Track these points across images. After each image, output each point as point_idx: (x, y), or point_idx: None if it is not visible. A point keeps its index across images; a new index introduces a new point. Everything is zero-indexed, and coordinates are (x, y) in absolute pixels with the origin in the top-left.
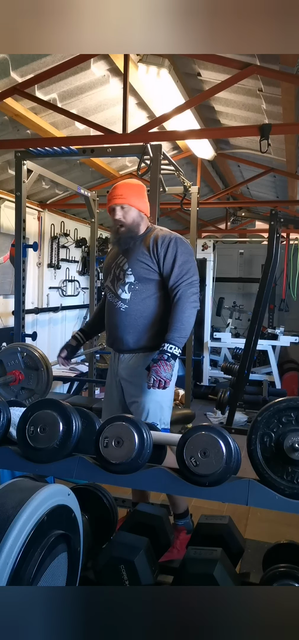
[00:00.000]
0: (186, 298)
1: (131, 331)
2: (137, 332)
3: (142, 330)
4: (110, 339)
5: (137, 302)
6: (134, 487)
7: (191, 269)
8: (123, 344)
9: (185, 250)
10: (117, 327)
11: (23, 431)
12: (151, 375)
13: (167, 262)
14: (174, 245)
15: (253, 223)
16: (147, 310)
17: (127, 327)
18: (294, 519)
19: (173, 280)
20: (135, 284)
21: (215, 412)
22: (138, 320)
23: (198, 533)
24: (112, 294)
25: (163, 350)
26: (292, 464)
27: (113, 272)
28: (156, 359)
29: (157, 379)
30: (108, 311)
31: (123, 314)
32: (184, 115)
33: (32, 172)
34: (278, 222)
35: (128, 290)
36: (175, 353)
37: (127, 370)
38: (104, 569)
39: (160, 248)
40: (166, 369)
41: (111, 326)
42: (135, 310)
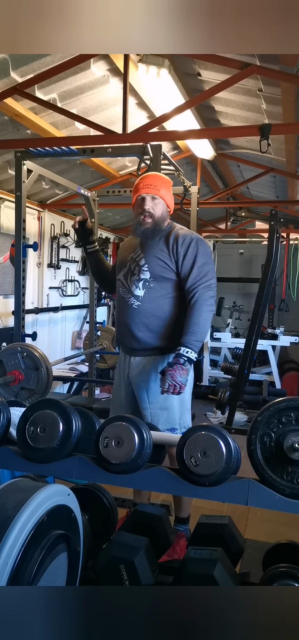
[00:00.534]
0: (204, 301)
1: (142, 329)
2: (148, 331)
3: (154, 330)
4: (119, 335)
5: (151, 300)
6: (134, 487)
7: (210, 272)
8: (133, 343)
9: (204, 252)
10: (128, 324)
11: (23, 431)
12: (167, 379)
13: (186, 262)
14: (195, 245)
15: (253, 223)
16: (160, 309)
17: (138, 324)
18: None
19: (191, 281)
20: (150, 281)
21: (215, 412)
22: (150, 319)
23: (198, 533)
24: (125, 289)
25: (179, 354)
26: (292, 464)
27: (129, 266)
28: (172, 362)
29: (172, 383)
30: (119, 306)
31: (135, 310)
32: (184, 115)
33: (32, 172)
34: (278, 222)
35: (142, 287)
36: (191, 357)
37: (139, 375)
38: (104, 569)
39: (180, 247)
40: (182, 374)
41: (121, 322)
42: (147, 308)
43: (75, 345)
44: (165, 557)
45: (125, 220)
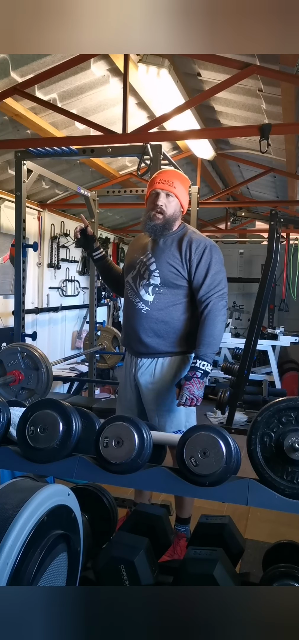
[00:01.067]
0: (218, 311)
1: (150, 335)
2: (156, 337)
3: (162, 336)
4: (126, 339)
5: (160, 306)
6: (134, 487)
7: (223, 281)
8: (141, 347)
9: (218, 260)
10: (135, 329)
11: (23, 431)
12: (184, 393)
13: (200, 270)
14: (209, 253)
15: (253, 223)
16: (169, 316)
17: (146, 330)
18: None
19: (205, 290)
20: (160, 287)
21: (215, 412)
22: (159, 325)
23: (198, 533)
24: (133, 293)
25: (195, 367)
26: (292, 464)
27: (138, 268)
28: (189, 376)
29: (190, 397)
30: (127, 310)
31: (144, 316)
32: (184, 115)
33: (32, 172)
34: (278, 222)
35: (151, 292)
36: (207, 370)
37: (145, 377)
38: (104, 569)
39: (194, 254)
40: (199, 387)
41: (128, 326)
42: (157, 315)
43: (75, 345)
44: (165, 557)
45: (125, 220)
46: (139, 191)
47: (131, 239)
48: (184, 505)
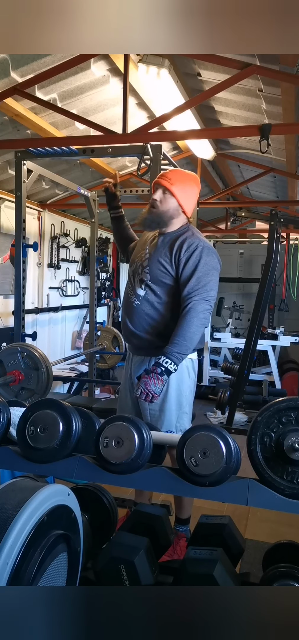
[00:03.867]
0: (196, 313)
1: (139, 329)
2: (145, 332)
3: (149, 331)
4: (123, 332)
5: (148, 302)
6: (134, 487)
7: (210, 284)
8: (133, 341)
9: (208, 262)
10: (128, 322)
11: (23, 431)
12: (140, 386)
13: (187, 269)
14: (199, 254)
15: (253, 223)
16: (156, 312)
17: (136, 324)
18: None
19: (188, 290)
20: (149, 283)
21: (215, 412)
22: (147, 320)
23: (198, 533)
24: (130, 286)
25: (158, 363)
26: (292, 464)
27: (136, 263)
28: (149, 370)
29: (145, 391)
30: (124, 303)
31: (135, 309)
32: (184, 115)
33: (32, 172)
34: (278, 222)
35: (143, 287)
36: (170, 369)
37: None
38: (104, 569)
39: (183, 253)
40: (156, 383)
41: (124, 320)
42: (145, 309)
43: (75, 345)
44: (165, 557)
45: None
46: (139, 191)
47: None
48: (183, 506)
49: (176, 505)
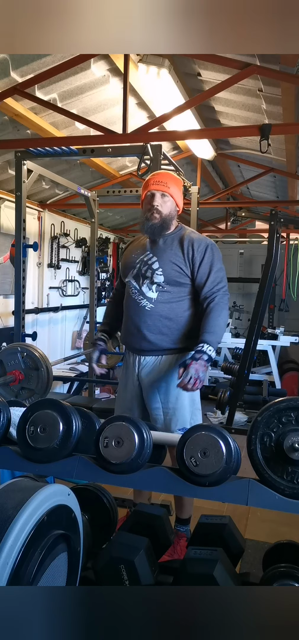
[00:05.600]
0: (224, 304)
1: (154, 332)
2: (160, 334)
3: (166, 333)
4: (127, 337)
5: (164, 303)
6: (134, 487)
7: (224, 277)
8: (145, 345)
9: (219, 258)
10: (139, 327)
11: (23, 431)
12: (190, 372)
13: (203, 268)
14: (210, 251)
15: (253, 223)
16: (173, 312)
17: (150, 327)
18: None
19: (209, 287)
20: (163, 285)
21: (215, 412)
22: (163, 322)
23: (198, 533)
24: (136, 291)
25: (201, 351)
26: (292, 464)
27: (139, 268)
28: (196, 357)
29: (195, 377)
30: (129, 308)
31: (148, 313)
32: (184, 115)
33: (32, 172)
34: (278, 222)
35: (155, 290)
36: (212, 356)
37: (149, 375)
38: (104, 569)
39: (196, 253)
40: (203, 370)
41: (131, 324)
42: (160, 311)
43: (75, 345)
44: (165, 557)
45: (125, 220)
46: (139, 191)
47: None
48: (184, 506)
49: (176, 505)
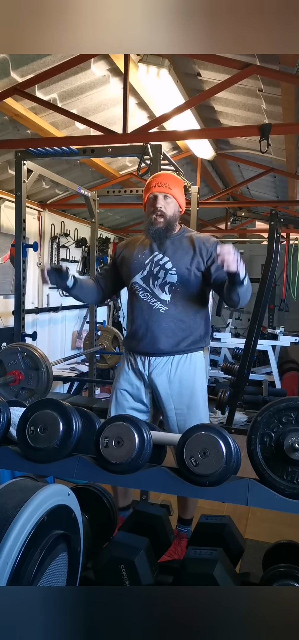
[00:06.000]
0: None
1: (170, 334)
2: (175, 335)
3: (179, 334)
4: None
5: (177, 304)
6: (134, 487)
7: None
8: (159, 347)
9: None
10: (153, 329)
11: (23, 431)
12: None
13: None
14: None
15: (253, 223)
16: (186, 313)
17: (166, 329)
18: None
19: None
20: (177, 285)
21: (215, 412)
22: (178, 323)
23: (198, 533)
24: (147, 293)
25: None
26: (292, 464)
27: (149, 269)
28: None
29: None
30: (140, 311)
31: (163, 315)
32: (184, 115)
33: (32, 172)
34: (278, 222)
35: (168, 290)
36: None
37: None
38: (104, 569)
39: (211, 247)
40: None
41: (143, 327)
42: (175, 314)
43: (75, 345)
44: (165, 557)
45: (125, 221)
46: (139, 191)
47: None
48: (188, 506)
49: (180, 505)
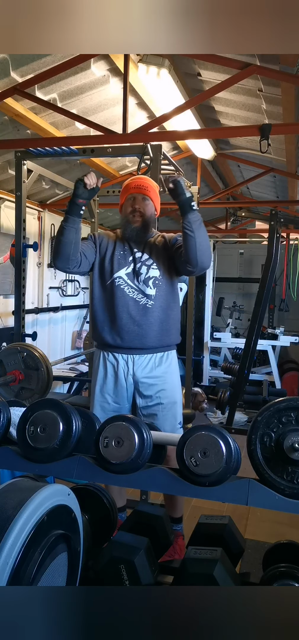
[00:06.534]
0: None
1: (156, 328)
2: (161, 329)
3: (164, 327)
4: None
5: (162, 298)
6: (134, 487)
7: None
8: (146, 342)
9: None
10: (141, 323)
11: (23, 431)
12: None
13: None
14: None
15: (253, 223)
16: (168, 306)
17: (152, 324)
18: (294, 519)
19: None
20: (159, 279)
21: (215, 412)
22: (162, 316)
23: (198, 533)
24: (133, 290)
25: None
26: (292, 464)
27: (133, 265)
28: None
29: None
30: (125, 307)
31: (150, 310)
32: (184, 115)
33: (32, 172)
34: (278, 222)
35: (153, 285)
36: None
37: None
38: (104, 569)
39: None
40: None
41: (128, 323)
42: (160, 306)
43: (75, 345)
44: (165, 557)
45: None
46: None
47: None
48: (177, 505)
49: (169, 505)
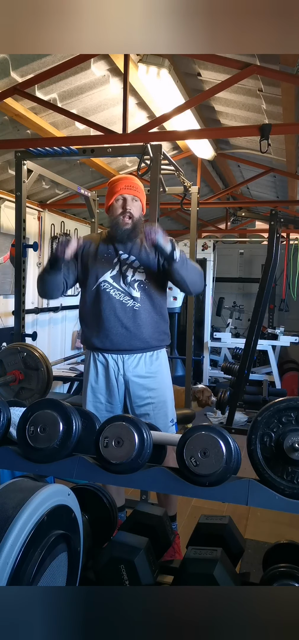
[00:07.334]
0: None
1: (144, 330)
2: (149, 331)
3: (152, 328)
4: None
5: (148, 299)
6: (134, 487)
7: None
8: (134, 343)
9: None
10: (128, 326)
11: (23, 431)
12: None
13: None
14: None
15: (253, 223)
16: (155, 307)
17: (140, 325)
18: (294, 519)
19: None
20: (145, 282)
21: (215, 412)
22: (148, 318)
23: (198, 533)
24: (119, 292)
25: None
26: (292, 464)
27: (118, 268)
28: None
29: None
30: (112, 309)
31: (137, 312)
32: (184, 115)
33: (32, 172)
34: (278, 222)
35: (138, 287)
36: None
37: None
38: (104, 569)
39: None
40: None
41: (116, 325)
42: (147, 308)
43: (75, 345)
44: (165, 557)
45: None
46: None
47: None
48: (171, 503)
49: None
